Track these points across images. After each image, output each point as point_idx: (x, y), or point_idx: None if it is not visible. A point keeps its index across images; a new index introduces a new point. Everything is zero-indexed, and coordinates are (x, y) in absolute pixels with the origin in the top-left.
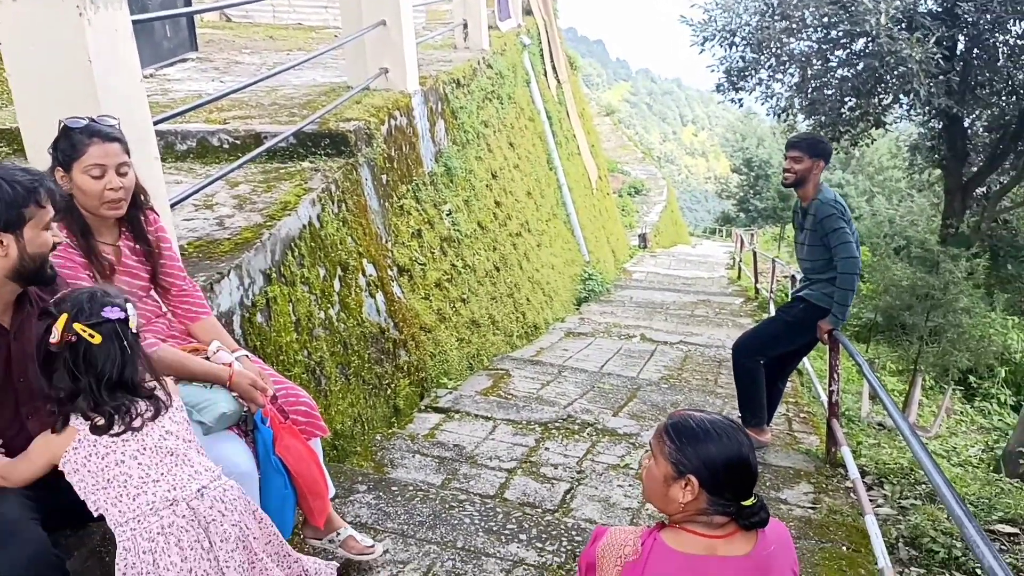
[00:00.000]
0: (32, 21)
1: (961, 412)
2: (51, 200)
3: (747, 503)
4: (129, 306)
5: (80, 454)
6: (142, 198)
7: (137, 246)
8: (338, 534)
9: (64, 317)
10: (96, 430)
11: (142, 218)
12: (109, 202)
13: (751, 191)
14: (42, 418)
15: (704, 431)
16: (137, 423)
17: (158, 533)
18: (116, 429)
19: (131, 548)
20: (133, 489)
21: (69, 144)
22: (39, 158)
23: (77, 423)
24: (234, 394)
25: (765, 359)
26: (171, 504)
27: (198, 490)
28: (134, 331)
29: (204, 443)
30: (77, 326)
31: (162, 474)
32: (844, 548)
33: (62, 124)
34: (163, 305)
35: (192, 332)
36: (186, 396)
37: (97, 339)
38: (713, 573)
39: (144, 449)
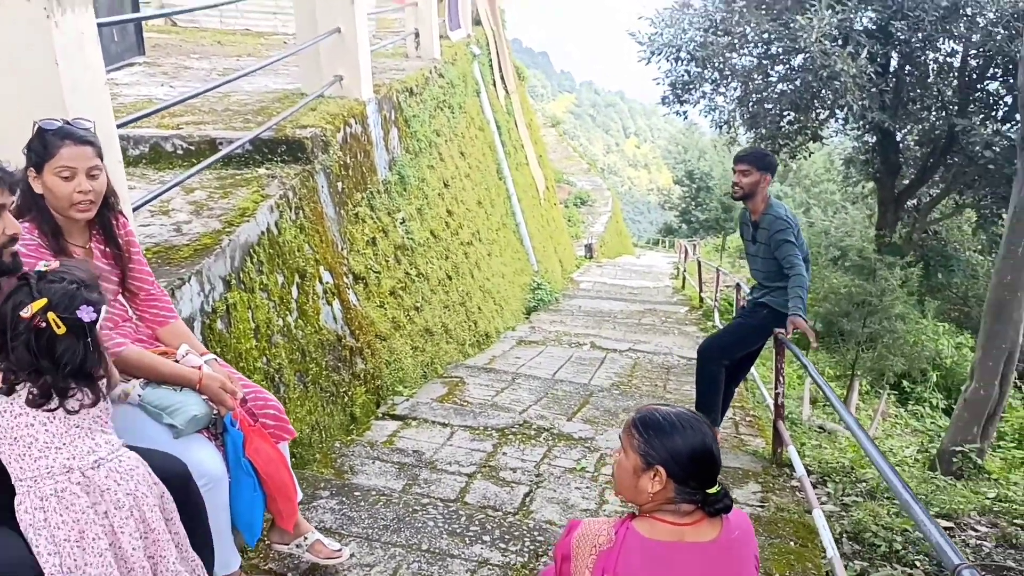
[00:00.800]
0: None
1: (896, 415)
2: (3, 188)
3: (712, 491)
4: (103, 308)
5: (8, 413)
6: (112, 200)
7: (107, 249)
8: (305, 538)
9: (43, 302)
10: (32, 402)
11: (113, 221)
12: (77, 204)
13: (693, 203)
14: None
15: (670, 424)
16: (74, 406)
17: (51, 495)
18: (51, 405)
19: (25, 504)
20: (36, 452)
21: (41, 145)
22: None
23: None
24: (204, 397)
25: (729, 362)
26: (67, 472)
27: (95, 461)
28: (98, 326)
29: (175, 447)
30: (51, 315)
31: (64, 443)
32: (792, 543)
33: (36, 125)
34: (129, 309)
35: (160, 336)
36: (157, 399)
37: (62, 330)
38: (682, 558)
39: (53, 418)
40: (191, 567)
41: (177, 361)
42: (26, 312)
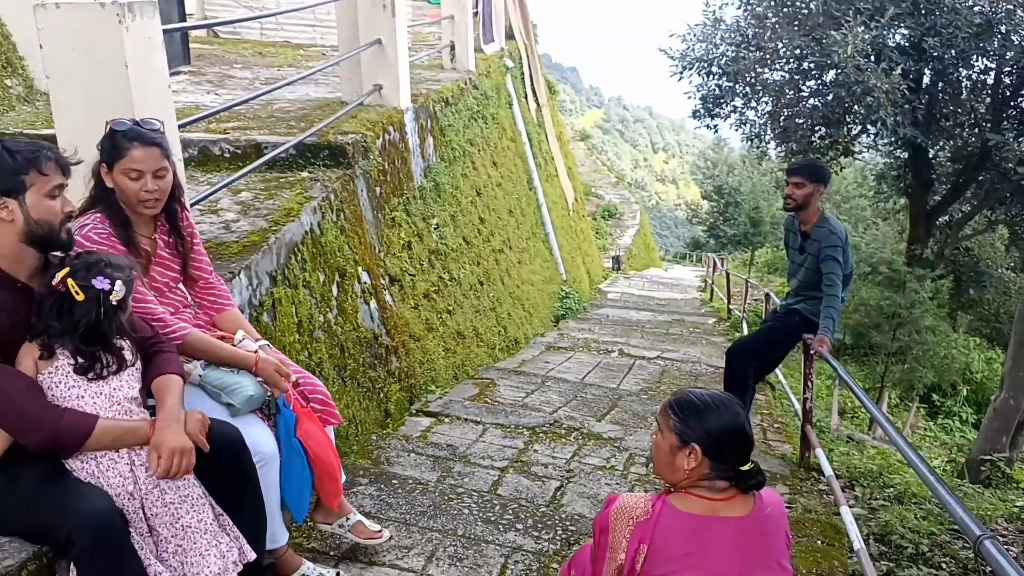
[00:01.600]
0: (73, 27)
1: (925, 428)
2: (59, 169)
3: (745, 468)
4: (119, 282)
5: (54, 378)
6: (178, 193)
7: (171, 239)
8: (348, 519)
9: (66, 270)
10: (79, 370)
11: (178, 212)
12: (144, 201)
13: (721, 218)
14: None
15: (704, 404)
16: (102, 372)
17: (91, 459)
18: (91, 375)
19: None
20: None
21: (112, 145)
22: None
23: (62, 355)
24: (259, 379)
25: (757, 364)
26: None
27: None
28: (114, 302)
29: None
30: (71, 282)
31: (105, 417)
32: (819, 542)
33: (108, 125)
34: (189, 296)
35: (217, 323)
36: (216, 379)
37: (81, 297)
38: (716, 531)
39: (100, 393)
40: (228, 540)
41: (234, 345)
42: (56, 280)
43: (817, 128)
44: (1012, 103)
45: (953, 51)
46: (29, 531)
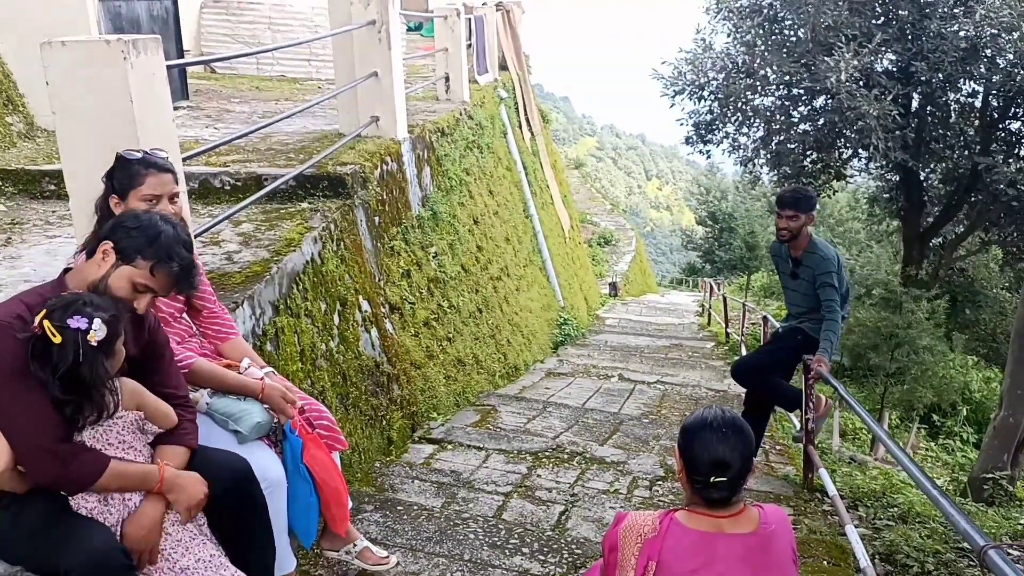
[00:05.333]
0: (79, 64)
1: (926, 449)
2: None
3: (714, 479)
4: (97, 320)
5: None
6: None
7: None
8: (355, 545)
9: (44, 312)
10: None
11: None
12: None
13: (716, 243)
14: None
15: (690, 422)
16: (81, 424)
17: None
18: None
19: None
20: None
21: (126, 174)
22: (77, 187)
23: None
24: (266, 406)
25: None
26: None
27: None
28: (94, 343)
29: (238, 452)
30: (47, 323)
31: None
32: (824, 563)
33: (119, 155)
34: (193, 326)
35: (222, 351)
36: (223, 407)
37: (57, 339)
38: (722, 548)
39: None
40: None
41: (240, 373)
42: (35, 324)
43: (809, 153)
44: (1000, 125)
45: (940, 75)
46: (32, 564)
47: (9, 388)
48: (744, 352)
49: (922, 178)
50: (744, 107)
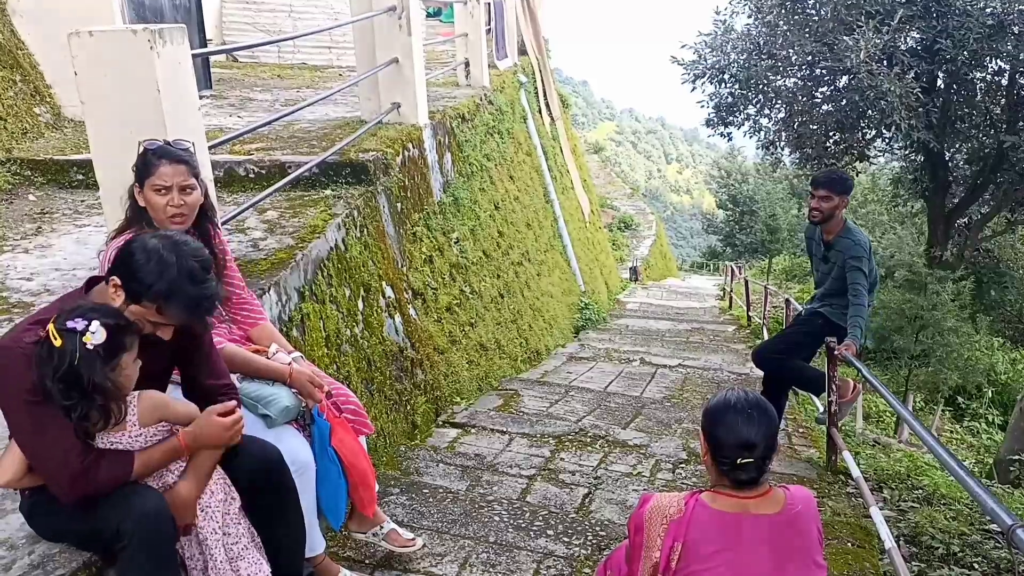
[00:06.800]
0: (107, 54)
1: (951, 431)
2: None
3: (742, 461)
4: (95, 323)
5: None
6: (210, 212)
7: None
8: (382, 527)
9: (54, 317)
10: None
11: (211, 231)
12: (171, 216)
13: (737, 226)
14: None
15: (713, 404)
16: (88, 429)
17: None
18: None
19: None
20: None
21: (143, 163)
22: (105, 176)
23: None
24: (294, 390)
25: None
26: None
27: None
28: (90, 345)
29: (267, 436)
30: (51, 327)
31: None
32: (849, 544)
33: (141, 145)
34: (224, 312)
35: (251, 337)
36: (252, 391)
37: (58, 342)
38: (748, 528)
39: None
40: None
41: (268, 358)
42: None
43: (831, 134)
44: None
45: (966, 53)
46: (82, 530)
47: (31, 415)
48: (766, 335)
49: (947, 158)
50: (766, 88)
